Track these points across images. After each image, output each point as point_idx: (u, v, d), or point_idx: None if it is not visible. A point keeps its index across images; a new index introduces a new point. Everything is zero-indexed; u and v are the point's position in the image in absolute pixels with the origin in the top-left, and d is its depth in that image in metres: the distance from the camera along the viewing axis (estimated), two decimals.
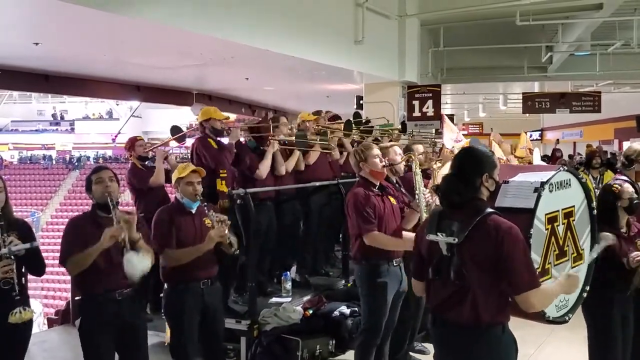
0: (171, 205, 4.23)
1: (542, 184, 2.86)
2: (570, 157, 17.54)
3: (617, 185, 4.01)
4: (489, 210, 2.63)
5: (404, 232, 4.26)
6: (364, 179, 4.34)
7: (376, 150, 4.36)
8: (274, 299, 5.65)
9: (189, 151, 5.89)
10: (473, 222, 2.59)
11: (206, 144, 5.43)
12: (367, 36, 9.21)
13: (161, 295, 4.22)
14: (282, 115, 6.50)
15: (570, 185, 3.11)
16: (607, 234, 3.09)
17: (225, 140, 5.61)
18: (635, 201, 3.94)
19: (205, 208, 4.07)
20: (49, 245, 21.79)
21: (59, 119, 40.83)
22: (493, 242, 2.54)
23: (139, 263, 3.45)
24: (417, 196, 4.34)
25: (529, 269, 2.56)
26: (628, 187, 3.99)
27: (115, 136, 31.67)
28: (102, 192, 3.59)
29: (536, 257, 2.82)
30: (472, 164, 2.74)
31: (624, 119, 18.11)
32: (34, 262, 3.62)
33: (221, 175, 5.31)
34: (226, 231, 4.00)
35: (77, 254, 3.52)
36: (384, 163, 4.34)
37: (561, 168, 3.10)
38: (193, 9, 6.16)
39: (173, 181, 4.21)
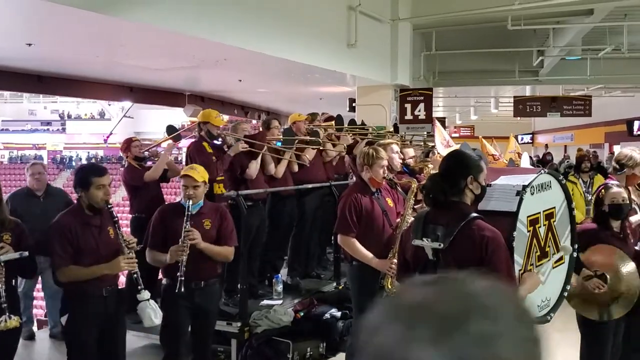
0: (172, 206, 4.38)
1: (524, 187, 2.93)
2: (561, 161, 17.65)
3: (602, 190, 4.06)
4: (474, 215, 2.68)
5: (377, 260, 4.23)
6: (362, 181, 4.39)
7: (384, 162, 4.38)
8: (265, 302, 5.67)
9: (185, 153, 5.95)
10: (458, 227, 2.64)
11: (200, 149, 5.44)
12: (360, 39, 9.25)
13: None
14: (273, 119, 6.52)
15: (550, 187, 3.18)
16: (567, 245, 3.14)
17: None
18: (616, 207, 3.94)
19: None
20: None
21: (66, 118, 40.61)
22: (477, 247, 2.60)
23: (158, 310, 3.64)
24: (402, 219, 4.35)
25: (508, 275, 2.62)
26: (614, 194, 4.00)
27: (108, 137, 31.56)
28: (102, 199, 3.64)
29: (519, 259, 2.88)
30: (457, 165, 2.81)
31: (615, 122, 18.25)
32: (25, 267, 3.66)
33: (217, 178, 5.32)
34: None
35: (70, 267, 3.62)
36: (385, 175, 4.39)
37: (542, 171, 3.17)
38: (186, 11, 6.17)
39: None
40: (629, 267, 3.86)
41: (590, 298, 3.86)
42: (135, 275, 3.55)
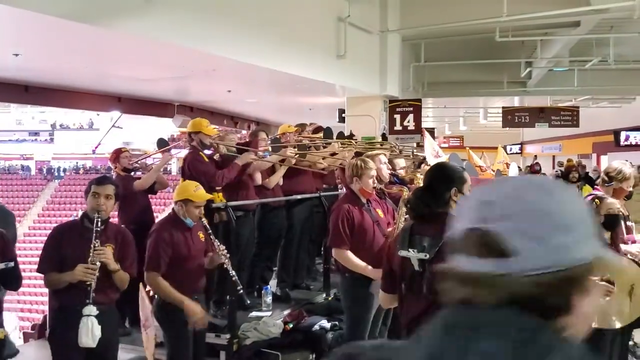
0: (171, 221, 4.22)
1: None
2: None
3: (597, 201, 4.05)
4: None
5: (373, 270, 4.20)
6: (352, 193, 4.39)
7: (373, 172, 4.40)
8: (254, 313, 5.63)
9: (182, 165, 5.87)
10: (443, 238, 2.63)
11: (199, 159, 5.38)
12: (349, 51, 9.29)
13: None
14: (260, 130, 6.50)
15: None
16: None
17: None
18: (612, 217, 3.96)
19: (211, 236, 4.22)
20: (27, 257, 21.44)
21: (57, 127, 40.42)
22: None
23: (96, 330, 3.47)
24: (396, 227, 4.35)
25: None
26: (610, 204, 4.00)
27: (96, 147, 31.44)
28: (93, 208, 3.60)
29: None
30: (441, 178, 2.83)
31: (602, 133, 18.38)
32: (9, 279, 3.61)
33: (217, 187, 5.29)
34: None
35: (52, 272, 3.58)
36: (375, 185, 4.39)
37: None
38: (175, 22, 6.16)
39: (180, 197, 4.16)
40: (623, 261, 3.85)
41: (604, 307, 3.81)
42: (89, 287, 3.47)
